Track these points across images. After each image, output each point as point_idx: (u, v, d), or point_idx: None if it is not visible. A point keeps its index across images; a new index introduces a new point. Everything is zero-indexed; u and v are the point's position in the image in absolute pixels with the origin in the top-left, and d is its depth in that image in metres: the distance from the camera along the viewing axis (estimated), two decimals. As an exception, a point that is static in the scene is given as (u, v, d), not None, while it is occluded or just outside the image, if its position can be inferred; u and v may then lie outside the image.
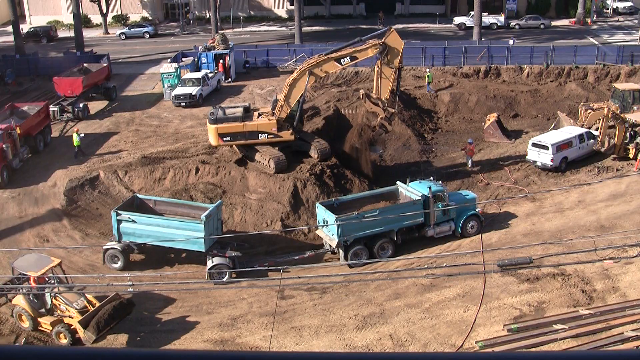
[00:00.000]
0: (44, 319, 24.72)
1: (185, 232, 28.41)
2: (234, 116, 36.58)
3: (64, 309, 24.50)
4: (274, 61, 58.22)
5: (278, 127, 36.00)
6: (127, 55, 65.57)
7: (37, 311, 24.75)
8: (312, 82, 35.90)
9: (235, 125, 36.21)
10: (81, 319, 23.60)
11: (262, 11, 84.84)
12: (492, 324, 22.74)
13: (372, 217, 29.09)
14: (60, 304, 24.57)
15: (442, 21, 78.09)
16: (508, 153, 40.31)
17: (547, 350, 20.83)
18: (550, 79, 53.26)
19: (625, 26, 74.36)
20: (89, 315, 23.70)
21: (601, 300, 23.65)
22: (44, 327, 24.80)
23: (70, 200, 35.20)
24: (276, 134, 36.07)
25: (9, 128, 37.24)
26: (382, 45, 34.24)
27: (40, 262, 25.56)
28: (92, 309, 24.09)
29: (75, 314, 23.98)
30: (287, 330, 24.14)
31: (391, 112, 35.39)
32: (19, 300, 24.89)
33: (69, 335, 23.95)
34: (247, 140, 36.58)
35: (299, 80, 35.11)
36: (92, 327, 23.32)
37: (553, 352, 1.96)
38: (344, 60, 34.97)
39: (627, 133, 37.05)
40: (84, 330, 23.39)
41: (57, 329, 24.20)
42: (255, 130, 36.21)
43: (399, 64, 34.68)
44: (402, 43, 34.78)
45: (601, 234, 27.79)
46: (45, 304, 24.80)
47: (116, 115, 48.05)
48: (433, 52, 56.84)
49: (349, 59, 35.01)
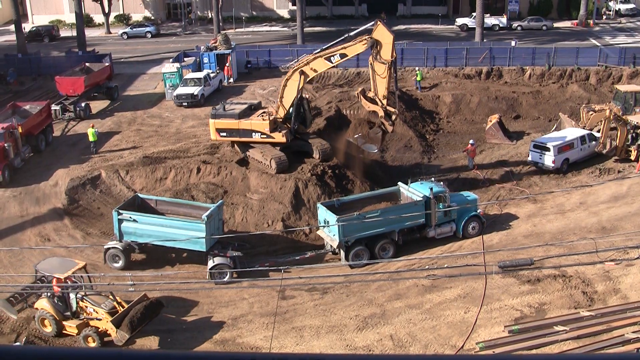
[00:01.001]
0: (69, 322, 24.28)
1: (187, 232, 28.41)
2: (231, 113, 36.86)
3: (91, 311, 24.13)
4: (276, 61, 58.23)
5: (271, 128, 35.93)
6: (129, 54, 65.63)
7: (63, 314, 24.34)
8: (303, 82, 35.02)
9: (230, 122, 36.61)
10: (113, 319, 23.32)
11: (264, 11, 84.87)
12: (492, 325, 22.72)
13: (374, 217, 29.09)
14: (87, 306, 24.21)
15: (444, 22, 78.09)
16: (510, 154, 40.29)
17: (548, 352, 20.81)
18: (552, 80, 53.25)
19: (628, 28, 74.31)
20: (120, 316, 23.43)
21: (602, 302, 23.63)
22: (68, 330, 24.35)
23: (71, 200, 35.22)
24: (268, 134, 36.09)
25: (10, 127, 37.27)
26: (371, 39, 32.82)
27: (65, 265, 25.25)
28: (122, 309, 23.85)
29: (105, 315, 23.68)
30: (288, 330, 24.13)
31: (391, 112, 34.00)
32: (43, 304, 24.31)
33: (97, 338, 23.50)
34: (241, 138, 37.04)
35: (291, 80, 35.01)
36: (126, 327, 23.00)
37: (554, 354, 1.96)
38: (334, 58, 33.92)
39: (629, 135, 37.02)
40: (116, 330, 23.08)
41: (85, 332, 23.72)
42: (249, 129, 36.48)
43: (392, 58, 32.77)
44: (390, 35, 32.80)
45: (602, 235, 27.78)
46: (70, 306, 24.38)
47: (118, 114, 48.09)
48: (435, 53, 56.86)
49: (339, 57, 33.89)
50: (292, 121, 36.32)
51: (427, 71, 55.63)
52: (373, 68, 33.51)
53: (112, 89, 51.71)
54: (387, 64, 32.83)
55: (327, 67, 35.37)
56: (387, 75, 33.11)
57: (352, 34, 34.18)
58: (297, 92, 34.99)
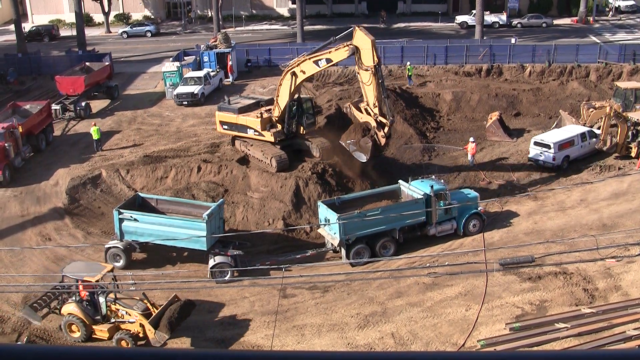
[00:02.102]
0: (99, 326, 23.95)
1: (187, 231, 28.41)
2: (232, 107, 37.67)
3: (123, 314, 23.88)
4: (276, 60, 58.15)
5: (263, 126, 36.26)
6: (129, 54, 65.63)
7: (92, 319, 23.95)
8: (296, 84, 34.60)
9: (230, 116, 37.60)
10: (150, 320, 23.15)
11: (264, 10, 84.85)
12: (494, 323, 22.73)
13: (374, 215, 29.07)
14: (119, 309, 23.98)
15: (444, 20, 78.04)
16: (510, 152, 40.28)
17: (549, 349, 20.82)
18: (552, 77, 53.23)
19: (628, 25, 74.26)
20: (155, 317, 23.29)
21: (603, 299, 23.63)
22: (99, 335, 24.00)
23: (72, 199, 35.23)
24: (259, 132, 36.51)
25: (11, 127, 37.27)
26: (352, 46, 31.89)
27: (93, 268, 24.99)
28: (155, 311, 23.73)
29: (139, 317, 23.48)
30: (289, 329, 24.15)
31: (383, 122, 32.16)
32: (71, 308, 23.93)
33: (131, 341, 23.19)
34: (239, 133, 37.83)
35: (284, 80, 35.03)
36: (164, 327, 22.87)
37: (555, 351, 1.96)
38: (321, 62, 33.27)
39: (629, 132, 36.99)
40: (154, 331, 22.94)
41: (118, 335, 23.41)
42: (245, 125, 37.07)
43: (374, 63, 31.43)
44: (368, 40, 31.45)
45: (603, 232, 27.77)
46: (100, 310, 23.98)
47: (118, 114, 48.09)
48: (435, 51, 56.82)
49: (325, 61, 33.17)
50: (285, 121, 36.36)
51: (427, 69, 55.65)
52: (360, 77, 32.63)
53: (112, 88, 51.70)
54: (370, 70, 31.62)
55: (315, 71, 34.65)
56: (373, 82, 31.82)
57: (337, 38, 33.63)
58: (289, 93, 34.95)
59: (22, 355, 2.22)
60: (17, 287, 26.73)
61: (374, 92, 31.89)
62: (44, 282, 27.41)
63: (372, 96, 32.06)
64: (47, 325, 25.25)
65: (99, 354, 2.27)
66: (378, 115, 32.20)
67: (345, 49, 32.09)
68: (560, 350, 19.82)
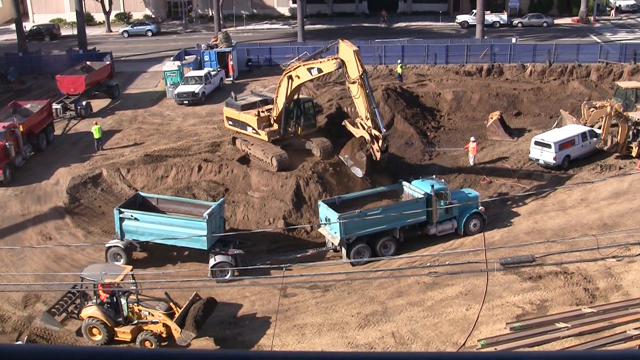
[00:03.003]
0: (121, 328, 23.68)
1: (188, 230, 28.42)
2: (237, 104, 38.39)
3: (145, 315, 23.70)
4: (277, 59, 58.06)
5: (259, 124, 36.69)
6: (129, 53, 65.64)
7: (114, 321, 23.74)
8: (292, 87, 34.53)
9: (233, 112, 38.38)
10: (176, 319, 23.04)
11: (265, 9, 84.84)
12: (494, 323, 22.72)
13: (375, 215, 29.07)
14: (141, 309, 23.80)
15: (445, 19, 78.01)
16: (511, 151, 40.25)
17: (550, 349, 20.82)
18: (553, 77, 53.21)
19: (628, 24, 74.23)
20: (180, 316, 23.19)
21: (604, 298, 23.62)
22: (121, 337, 23.70)
23: (72, 198, 35.24)
24: (256, 130, 36.96)
25: (11, 126, 37.28)
26: (338, 60, 31.37)
27: (113, 270, 24.83)
28: (178, 310, 23.62)
29: (163, 317, 23.35)
30: (290, 328, 24.15)
31: (376, 136, 30.99)
32: (92, 311, 23.66)
33: (155, 341, 23.07)
34: (241, 130, 38.33)
35: (282, 82, 35.12)
36: (191, 326, 22.71)
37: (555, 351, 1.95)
38: (313, 70, 33.04)
39: (630, 131, 36.96)
40: (181, 330, 22.80)
41: (142, 336, 23.26)
42: (245, 122, 37.65)
43: (360, 73, 30.63)
44: (351, 51, 30.81)
45: (604, 232, 27.76)
46: (122, 312, 23.77)
47: (119, 113, 48.08)
48: (436, 51, 56.81)
49: (317, 71, 32.91)
50: (281, 122, 36.54)
51: (428, 68, 55.63)
52: (349, 91, 31.99)
53: (112, 87, 51.71)
54: (357, 81, 30.86)
55: (308, 78, 34.45)
56: (361, 94, 31.03)
57: (328, 46, 33.56)
58: (285, 95, 35.03)
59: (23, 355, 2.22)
60: (17, 287, 26.76)
61: (363, 104, 31.17)
62: (45, 281, 27.41)
63: (363, 109, 31.32)
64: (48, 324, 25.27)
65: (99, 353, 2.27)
66: (371, 127, 31.37)
67: (333, 62, 31.83)
68: (560, 350, 19.83)
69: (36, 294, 26.78)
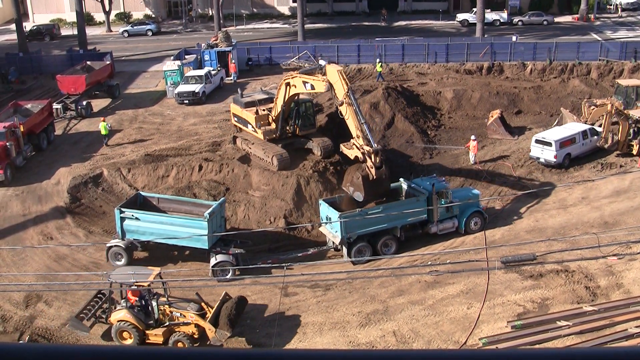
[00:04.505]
0: (152, 331, 23.52)
1: (189, 230, 28.43)
2: (241, 101, 38.79)
3: (177, 316, 23.59)
4: (277, 58, 58.19)
5: (257, 122, 36.93)
6: (130, 53, 65.63)
7: (145, 324, 23.59)
8: (289, 94, 34.30)
9: (237, 109, 38.91)
10: (209, 319, 23.00)
11: (265, 8, 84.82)
12: (495, 321, 22.72)
13: (376, 214, 29.07)
14: (173, 311, 23.70)
15: (445, 18, 77.99)
16: (511, 150, 40.24)
17: (551, 347, 20.82)
18: (554, 75, 53.17)
19: (629, 22, 74.18)
20: (213, 316, 23.14)
21: (605, 296, 23.61)
22: (152, 339, 23.51)
23: (73, 198, 35.25)
24: (254, 128, 37.24)
25: (12, 126, 37.28)
26: (328, 84, 30.58)
27: (141, 272, 24.64)
28: (210, 310, 23.56)
29: (195, 317, 23.28)
30: (291, 327, 24.15)
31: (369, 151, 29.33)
32: (122, 315, 23.48)
33: (188, 342, 23.01)
34: (243, 127, 38.76)
35: (281, 86, 35.16)
36: (225, 325, 22.67)
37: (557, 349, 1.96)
38: (307, 85, 32.30)
39: (631, 129, 36.94)
40: (215, 329, 22.75)
41: (174, 338, 23.20)
42: (246, 120, 37.98)
43: (345, 90, 29.68)
44: (335, 71, 30.14)
45: (605, 230, 27.76)
46: (153, 314, 23.63)
47: (119, 113, 48.07)
48: (436, 49, 56.80)
49: (310, 87, 32.03)
50: (279, 122, 36.63)
51: (428, 67, 55.60)
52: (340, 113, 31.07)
53: (113, 87, 51.70)
54: (344, 102, 29.80)
55: (303, 91, 33.71)
56: (350, 113, 29.79)
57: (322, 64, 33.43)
58: (283, 100, 35.09)
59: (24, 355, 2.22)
60: (19, 286, 26.77)
61: (353, 122, 29.84)
62: (46, 281, 27.43)
63: (353, 127, 29.99)
64: (48, 324, 25.30)
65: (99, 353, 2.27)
66: (362, 145, 29.65)
67: (323, 82, 30.80)
68: (562, 348, 19.79)
69: (37, 293, 26.79)
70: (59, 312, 26.04)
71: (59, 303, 26.51)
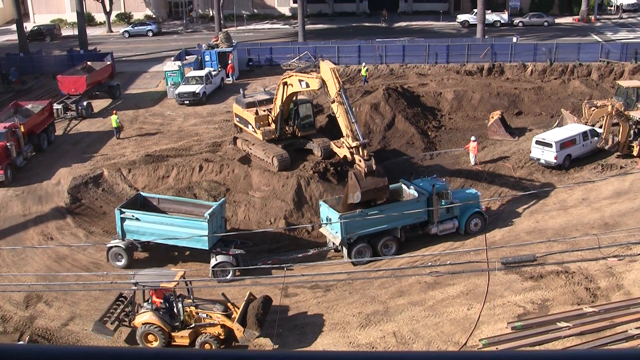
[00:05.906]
0: (178, 333, 23.40)
1: (189, 230, 28.44)
2: (242, 101, 38.96)
3: (203, 317, 23.51)
4: (277, 59, 58.19)
5: (256, 123, 37.09)
6: (130, 53, 65.64)
7: (171, 326, 23.48)
8: (287, 93, 34.47)
9: (239, 109, 39.08)
10: (237, 319, 22.94)
11: (266, 9, 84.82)
12: (495, 322, 22.72)
13: (376, 214, 29.06)
14: (199, 312, 23.63)
15: (446, 19, 77.98)
16: (512, 151, 40.23)
17: (551, 349, 20.81)
18: (554, 76, 53.18)
19: (629, 23, 74.18)
20: (240, 315, 23.07)
21: (605, 298, 23.61)
22: (178, 341, 23.41)
23: (74, 198, 35.27)
24: (254, 128, 37.38)
25: (12, 126, 37.29)
26: (321, 80, 30.50)
27: (166, 274, 24.66)
28: (236, 310, 23.52)
29: (222, 318, 23.24)
30: (291, 328, 24.16)
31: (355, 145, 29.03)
32: (147, 318, 23.33)
33: (215, 343, 22.97)
34: (244, 127, 38.85)
35: (279, 87, 35.22)
36: (253, 325, 22.61)
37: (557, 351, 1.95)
38: (303, 83, 32.41)
39: (631, 130, 36.92)
40: (243, 329, 22.70)
41: (201, 339, 23.13)
42: (246, 120, 38.14)
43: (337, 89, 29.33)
44: (328, 70, 29.74)
45: (605, 231, 27.75)
46: (178, 316, 23.51)
47: (120, 113, 47.95)
48: (436, 50, 56.79)
49: (305, 85, 32.19)
50: (278, 123, 36.71)
51: (429, 68, 55.58)
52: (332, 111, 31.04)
53: (113, 87, 51.73)
54: (336, 100, 29.54)
55: (299, 89, 33.74)
56: (341, 112, 29.50)
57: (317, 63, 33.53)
58: (281, 99, 35.19)
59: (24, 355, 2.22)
60: (19, 287, 26.78)
61: (344, 121, 29.55)
62: (46, 281, 27.43)
63: (343, 126, 29.68)
64: (48, 324, 25.30)
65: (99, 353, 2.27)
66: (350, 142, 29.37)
67: (317, 80, 30.86)
68: (562, 350, 19.82)
69: (38, 294, 26.79)
70: (59, 312, 26.04)
71: (59, 303, 26.52)
